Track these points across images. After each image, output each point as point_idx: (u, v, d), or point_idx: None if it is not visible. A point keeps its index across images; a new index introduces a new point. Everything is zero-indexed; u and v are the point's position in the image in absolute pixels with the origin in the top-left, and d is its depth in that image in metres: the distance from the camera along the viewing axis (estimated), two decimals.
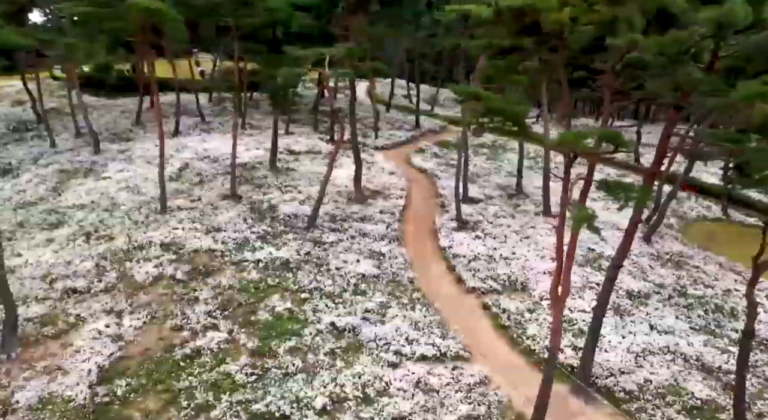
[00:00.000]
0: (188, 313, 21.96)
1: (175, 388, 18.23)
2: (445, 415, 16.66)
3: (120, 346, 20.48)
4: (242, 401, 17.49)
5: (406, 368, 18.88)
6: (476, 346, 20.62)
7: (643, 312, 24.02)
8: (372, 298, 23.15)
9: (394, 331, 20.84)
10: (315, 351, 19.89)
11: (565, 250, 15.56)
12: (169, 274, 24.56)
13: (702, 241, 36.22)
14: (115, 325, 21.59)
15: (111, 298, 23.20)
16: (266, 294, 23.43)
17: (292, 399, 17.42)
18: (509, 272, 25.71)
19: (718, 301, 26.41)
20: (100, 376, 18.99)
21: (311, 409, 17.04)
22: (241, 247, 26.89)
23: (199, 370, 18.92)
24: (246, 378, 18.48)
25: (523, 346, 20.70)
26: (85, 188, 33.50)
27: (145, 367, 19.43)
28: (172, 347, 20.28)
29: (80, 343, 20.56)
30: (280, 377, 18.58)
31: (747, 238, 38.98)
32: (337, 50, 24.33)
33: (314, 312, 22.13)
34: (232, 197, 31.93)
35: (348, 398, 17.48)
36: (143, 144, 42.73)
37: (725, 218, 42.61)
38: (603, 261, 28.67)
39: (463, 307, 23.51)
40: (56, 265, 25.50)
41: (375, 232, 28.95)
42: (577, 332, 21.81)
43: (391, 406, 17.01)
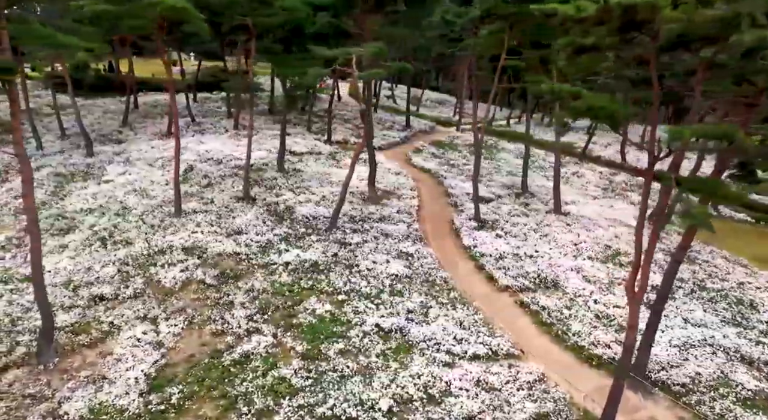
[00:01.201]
0: (227, 318, 21.47)
1: (231, 394, 17.80)
2: (514, 413, 16.71)
3: (162, 353, 19.92)
4: (303, 405, 17.20)
5: (462, 368, 18.87)
6: (523, 344, 20.77)
7: (672, 306, 24.59)
8: (410, 298, 23.09)
9: (441, 331, 20.82)
10: (365, 353, 19.72)
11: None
12: (199, 279, 24.01)
13: (702, 236, 37.29)
14: (153, 331, 20.99)
15: (142, 304, 22.52)
16: (302, 297, 23.13)
17: (355, 401, 17.21)
18: (537, 270, 25.99)
19: (736, 294, 27.26)
20: (149, 383, 18.43)
21: (377, 411, 16.86)
22: (266, 249, 26.47)
23: (252, 375, 18.52)
24: (302, 381, 18.18)
25: (570, 343, 20.94)
26: (90, 192, 32.41)
27: (193, 373, 18.93)
28: (218, 352, 19.81)
29: (120, 351, 19.92)
30: (336, 380, 18.34)
31: (740, 233, 40.61)
32: (366, 50, 24.15)
33: (355, 314, 21.93)
34: (246, 199, 31.39)
35: (413, 399, 17.37)
36: (138, 146, 41.65)
37: (716, 214, 43.98)
38: (621, 257, 29.28)
39: (500, 305, 23.65)
40: (76, 271, 24.63)
41: (397, 232, 28.89)
42: (618, 328, 22.19)
43: (458, 405, 16.98)
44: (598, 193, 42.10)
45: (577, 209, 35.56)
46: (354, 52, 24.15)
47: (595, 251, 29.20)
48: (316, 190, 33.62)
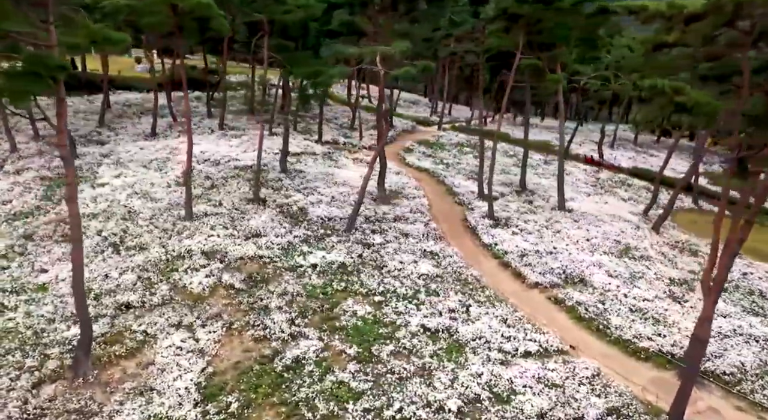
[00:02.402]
0: (267, 323, 20.86)
1: (291, 400, 17.32)
2: (585, 408, 16.85)
3: (207, 361, 19.19)
4: (369, 409, 16.89)
5: (519, 365, 18.93)
6: (569, 340, 20.99)
7: (693, 298, 25.36)
8: (448, 297, 23.01)
9: (488, 329, 20.83)
10: (417, 353, 19.52)
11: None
12: (227, 283, 23.28)
13: (692, 229, 38.66)
14: (191, 339, 20.22)
15: (172, 311, 21.65)
16: (337, 299, 22.73)
17: (422, 403, 17.01)
18: (561, 266, 26.33)
19: (745, 284, 28.38)
20: (201, 393, 17.76)
21: (447, 411, 16.71)
22: (288, 252, 25.91)
23: (309, 380, 18.06)
24: (362, 385, 17.83)
25: (613, 337, 21.27)
26: (87, 196, 30.91)
27: (244, 380, 18.31)
28: (266, 358, 19.23)
29: (162, 361, 19.11)
30: (396, 382, 18.08)
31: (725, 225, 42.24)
32: (393, 48, 23.94)
33: (397, 314, 21.69)
34: (256, 201, 30.61)
35: (480, 398, 17.30)
36: (125, 147, 40.07)
37: (697, 208, 45.66)
38: (633, 252, 30.02)
39: (533, 302, 23.84)
40: (93, 279, 23.49)
41: (416, 231, 28.76)
42: (653, 321, 22.71)
43: (528, 403, 17.00)
44: (590, 189, 43.04)
45: (578, 206, 36.27)
46: (380, 50, 23.85)
47: (608, 246, 29.83)
48: (324, 190, 33.10)
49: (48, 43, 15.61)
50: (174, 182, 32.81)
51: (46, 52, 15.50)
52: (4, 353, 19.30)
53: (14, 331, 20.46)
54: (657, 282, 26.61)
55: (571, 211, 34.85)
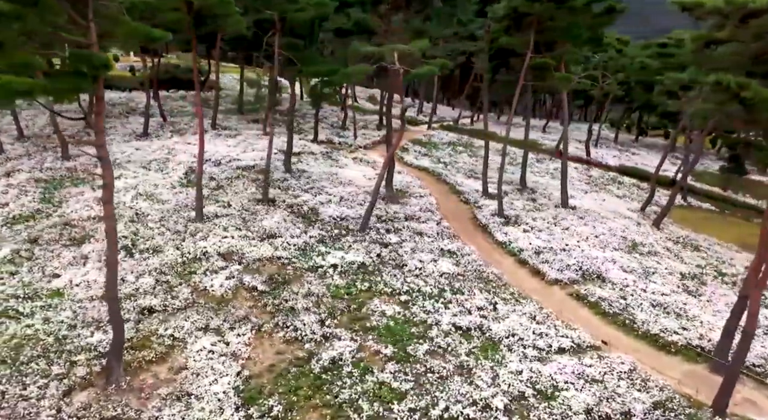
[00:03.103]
0: (296, 324, 20.59)
1: (334, 402, 17.12)
2: (631, 403, 17.03)
3: (242, 364, 18.85)
4: (415, 409, 16.80)
5: (556, 362, 19.07)
6: (596, 336, 21.22)
7: (708, 291, 25.92)
8: (474, 296, 23.07)
9: (519, 326, 20.93)
10: (453, 352, 19.50)
11: None
12: (249, 285, 22.92)
13: (686, 225, 39.59)
14: (222, 343, 19.81)
15: (197, 314, 21.20)
16: (363, 299, 22.58)
17: (467, 401, 17.00)
18: (577, 263, 26.62)
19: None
20: (241, 397, 17.44)
21: (495, 410, 16.72)
22: (305, 252, 25.64)
23: (350, 381, 17.88)
24: (403, 385, 17.73)
25: (640, 332, 21.57)
26: (89, 198, 30.10)
27: (282, 383, 18.03)
28: (301, 360, 18.97)
29: (194, 365, 18.70)
30: (437, 381, 18.03)
31: (715, 221, 43.43)
32: (413, 46, 23.87)
33: (426, 313, 21.65)
34: (265, 201, 30.21)
35: (524, 395, 17.36)
36: (119, 148, 39.15)
37: (686, 205, 46.77)
38: (641, 247, 30.55)
39: (555, 298, 24.05)
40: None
41: (429, 230, 28.78)
42: (675, 315, 23.12)
43: (573, 399, 17.13)
44: (585, 187, 43.69)
45: (579, 203, 36.76)
46: (399, 48, 23.76)
47: (617, 243, 30.29)
48: (331, 190, 32.87)
49: (88, 41, 15.14)
50: (178, 183, 32.18)
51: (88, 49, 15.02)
52: (27, 361, 18.61)
53: (34, 338, 19.75)
54: (670, 277, 27.13)
55: (574, 209, 35.29)
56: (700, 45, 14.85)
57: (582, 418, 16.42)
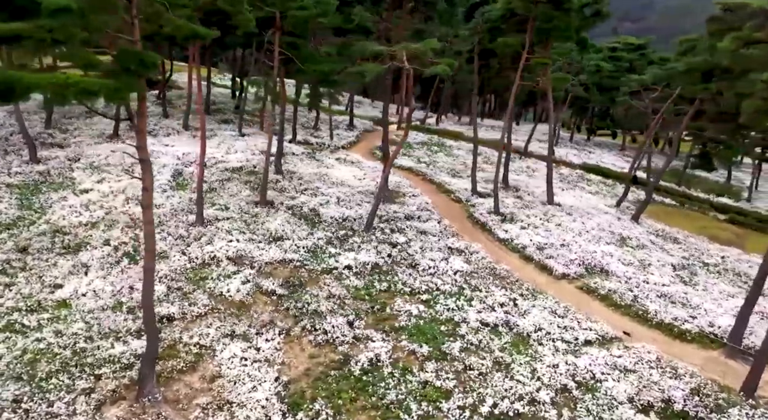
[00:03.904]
0: (325, 327, 20.31)
1: (381, 403, 17.03)
2: (670, 391, 17.66)
3: (278, 369, 18.45)
4: (464, 406, 16.92)
5: (588, 354, 19.58)
6: (616, 327, 21.91)
7: (701, 280, 27.21)
8: (492, 292, 23.36)
9: (543, 321, 21.36)
10: (486, 349, 19.72)
11: None
12: (267, 289, 22.44)
13: (658, 218, 41.30)
14: (252, 349, 19.32)
15: (219, 321, 20.61)
16: (384, 299, 22.53)
17: (513, 397, 17.25)
18: (579, 258, 27.37)
19: (729, 267, 30.77)
20: (285, 403, 17.09)
21: (542, 403, 17.03)
22: (316, 254, 25.32)
23: (393, 382, 17.80)
24: (446, 383, 17.81)
25: (654, 322, 22.42)
26: (74, 203, 28.65)
27: (323, 387, 17.77)
28: (338, 363, 18.74)
29: (229, 373, 18.18)
30: (478, 377, 18.20)
31: (678, 215, 45.54)
32: (423, 45, 23.96)
33: (450, 311, 21.79)
34: (263, 204, 29.58)
35: (566, 387, 17.76)
36: (94, 150, 37.42)
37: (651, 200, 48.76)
38: (629, 241, 31.72)
39: (565, 292, 24.66)
40: (119, 292, 21.96)
41: (432, 229, 28.95)
42: (680, 305, 24.13)
43: (614, 389, 17.64)
44: (560, 185, 44.82)
45: (562, 200, 37.78)
46: (411, 48, 23.80)
47: (608, 238, 31.34)
48: (326, 191, 32.53)
49: (132, 38, 14.48)
50: (167, 186, 31.08)
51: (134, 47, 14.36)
52: (47, 377, 17.60)
53: (49, 353, 18.69)
54: (664, 268, 28.30)
55: (560, 206, 36.26)
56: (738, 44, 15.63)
57: (627, 407, 16.93)
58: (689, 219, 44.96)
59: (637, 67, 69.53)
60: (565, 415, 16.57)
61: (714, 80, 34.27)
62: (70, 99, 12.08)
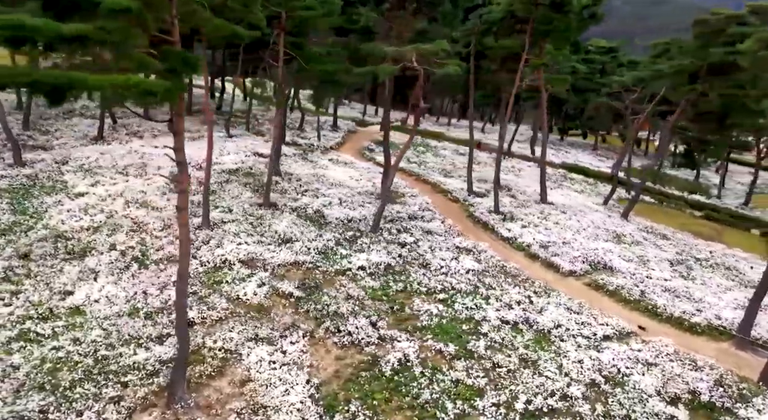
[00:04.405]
0: (348, 328, 20.30)
1: (416, 403, 17.11)
2: (694, 382, 18.22)
3: (308, 372, 18.36)
4: (498, 403, 17.14)
5: (609, 349, 20.03)
6: (630, 322, 22.47)
7: (698, 275, 28.11)
8: (507, 290, 23.69)
9: (560, 317, 21.77)
10: (510, 346, 19.99)
11: None
12: (284, 291, 22.30)
13: (642, 216, 42.43)
14: (278, 352, 19.19)
15: (240, 324, 20.39)
16: (402, 299, 22.63)
17: (546, 393, 17.54)
18: (582, 255, 27.96)
19: (718, 261, 31.85)
20: (320, 405, 17.03)
21: (574, 399, 17.36)
22: (327, 256, 25.27)
23: (425, 381, 17.91)
24: (477, 381, 18.00)
25: (665, 317, 23.07)
26: (72, 207, 27.91)
27: (355, 388, 17.77)
28: (366, 364, 18.75)
29: (259, 376, 18.01)
30: (507, 375, 18.44)
31: (659, 212, 46.89)
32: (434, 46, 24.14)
33: (469, 310, 22.01)
34: (267, 206, 29.34)
35: (595, 382, 18.15)
36: (81, 152, 36.50)
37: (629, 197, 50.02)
38: (624, 238, 32.54)
39: (575, 289, 25.17)
40: (132, 298, 21.53)
41: (437, 229, 29.19)
42: (684, 299, 24.89)
43: (642, 383, 18.12)
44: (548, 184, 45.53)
45: (554, 199, 38.51)
46: (423, 48, 23.96)
47: (605, 235, 32.08)
48: (326, 192, 32.45)
49: (171, 39, 14.25)
50: (166, 189, 30.49)
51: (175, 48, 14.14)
52: (70, 386, 17.15)
53: (68, 361, 18.21)
54: (662, 264, 29.14)
55: (553, 204, 36.94)
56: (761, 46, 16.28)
57: (657, 399, 17.41)
58: (669, 216, 46.30)
59: (608, 69, 71.41)
60: (598, 410, 16.92)
61: (699, 81, 35.40)
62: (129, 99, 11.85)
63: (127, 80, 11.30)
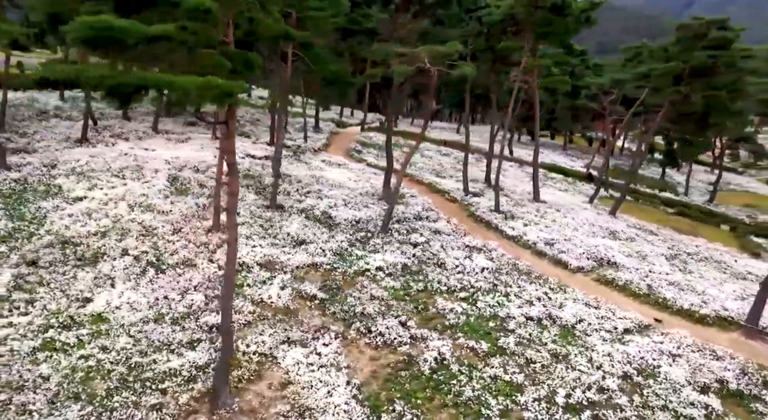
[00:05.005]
0: (379, 329, 20.42)
1: (459, 400, 17.37)
2: (720, 372, 19.04)
3: (346, 373, 18.41)
4: (539, 398, 17.54)
5: (633, 341, 20.74)
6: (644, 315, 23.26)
7: (695, 269, 29.28)
8: (524, 287, 24.17)
9: (580, 312, 22.37)
10: (539, 341, 20.45)
11: None
12: (309, 294, 22.26)
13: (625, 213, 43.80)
14: (314, 354, 19.17)
15: (269, 327, 20.31)
16: (424, 298, 22.90)
17: (584, 386, 18.03)
18: (586, 251, 28.74)
19: (706, 255, 33.24)
20: (364, 405, 17.13)
21: (610, 391, 17.90)
22: (343, 257, 25.31)
23: (465, 379, 18.19)
24: (515, 377, 18.38)
25: (675, 309, 23.96)
26: (73, 212, 27.01)
27: (396, 388, 17.92)
28: (403, 363, 18.92)
29: (300, 379, 17.96)
30: (542, 370, 18.88)
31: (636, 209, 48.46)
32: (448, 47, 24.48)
33: (490, 307, 22.40)
34: (274, 207, 29.12)
35: (627, 375, 18.75)
36: (67, 155, 35.22)
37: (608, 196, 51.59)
38: (618, 234, 33.59)
39: (586, 284, 25.87)
40: (155, 304, 21.13)
41: (444, 228, 29.54)
42: (688, 291, 25.89)
43: (672, 373, 18.81)
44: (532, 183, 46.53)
45: (546, 198, 39.37)
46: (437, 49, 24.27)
47: (602, 232, 33.04)
48: (329, 193, 32.41)
49: (227, 40, 14.15)
50: (169, 192, 29.90)
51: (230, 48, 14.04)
52: (106, 394, 16.76)
53: (100, 370, 17.78)
54: (659, 258, 30.20)
55: (546, 203, 37.80)
56: None
57: (689, 389, 18.12)
58: (646, 213, 47.90)
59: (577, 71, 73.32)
60: (636, 401, 17.51)
61: (682, 83, 36.80)
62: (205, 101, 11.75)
63: (207, 82, 11.20)
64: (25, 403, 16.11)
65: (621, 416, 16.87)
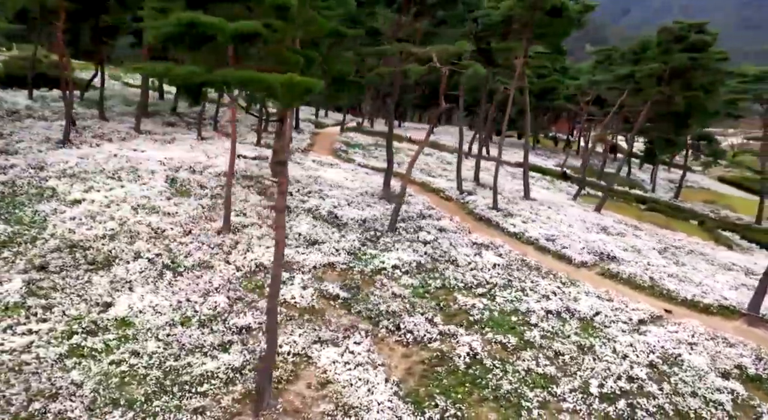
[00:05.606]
0: (407, 326, 20.65)
1: (497, 394, 17.75)
2: (738, 358, 19.99)
3: (383, 371, 18.56)
4: (574, 389, 18.09)
5: (650, 332, 21.54)
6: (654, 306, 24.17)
7: (686, 261, 30.56)
8: (538, 282, 24.76)
9: (596, 305, 23.10)
10: (562, 334, 21.04)
11: None
12: (331, 293, 22.30)
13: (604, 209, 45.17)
14: (348, 353, 19.24)
15: (298, 327, 20.29)
16: (444, 295, 23.24)
17: (614, 376, 18.67)
18: (586, 246, 29.62)
19: (690, 248, 34.70)
20: (406, 402, 17.34)
21: (639, 379, 18.59)
22: (357, 256, 25.42)
23: (501, 373, 18.59)
24: (547, 369, 18.90)
25: (679, 300, 24.96)
26: (75, 215, 26.17)
27: (433, 384, 18.18)
28: (437, 359, 19.20)
29: (338, 378, 18.05)
30: (571, 361, 19.46)
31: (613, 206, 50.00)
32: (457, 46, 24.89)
33: (509, 303, 22.89)
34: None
35: (653, 363, 19.50)
36: (53, 157, 34.03)
37: (587, 193, 53.16)
38: (609, 229, 34.72)
39: (591, 278, 26.68)
40: (179, 307, 20.81)
41: (449, 226, 29.93)
42: (686, 282, 27.01)
43: (695, 361, 19.65)
44: (515, 181, 47.57)
45: (533, 195, 40.27)
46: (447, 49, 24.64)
47: (594, 228, 34.05)
48: (329, 194, 32.36)
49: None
50: (170, 193, 29.32)
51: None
52: (145, 399, 16.48)
53: (135, 375, 17.46)
54: (652, 252, 31.37)
55: (536, 200, 38.68)
56: None
57: (713, 376, 18.97)
58: (623, 209, 49.51)
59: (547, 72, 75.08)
60: (666, 388, 18.24)
61: (662, 84, 38.26)
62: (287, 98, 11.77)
63: (291, 79, 11.22)
64: (62, 411, 15.70)
65: (654, 404, 17.53)
